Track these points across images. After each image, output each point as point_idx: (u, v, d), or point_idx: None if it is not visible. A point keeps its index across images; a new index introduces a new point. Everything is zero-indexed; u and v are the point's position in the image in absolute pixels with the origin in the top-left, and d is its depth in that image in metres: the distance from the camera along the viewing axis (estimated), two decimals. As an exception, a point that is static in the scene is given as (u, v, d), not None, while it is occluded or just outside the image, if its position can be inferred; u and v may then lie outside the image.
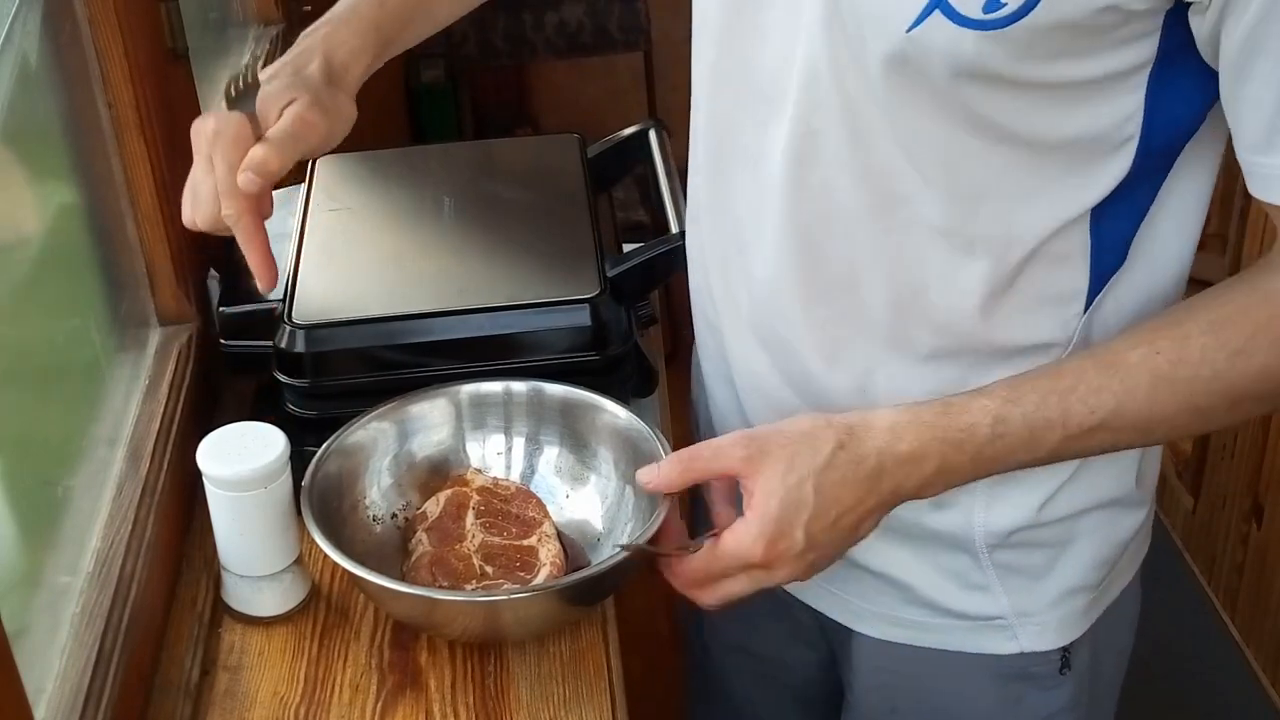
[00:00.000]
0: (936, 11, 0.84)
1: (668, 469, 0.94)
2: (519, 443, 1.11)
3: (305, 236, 1.22)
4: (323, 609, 1.09)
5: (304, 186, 1.29)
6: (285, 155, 1.01)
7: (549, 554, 1.03)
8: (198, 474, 1.19)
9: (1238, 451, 2.17)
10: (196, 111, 1.33)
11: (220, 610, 1.08)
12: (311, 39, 1.08)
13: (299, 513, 1.02)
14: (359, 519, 1.06)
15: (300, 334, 1.12)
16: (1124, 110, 0.88)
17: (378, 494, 1.08)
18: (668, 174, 1.26)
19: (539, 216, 1.25)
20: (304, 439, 1.18)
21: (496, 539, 1.04)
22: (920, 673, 1.12)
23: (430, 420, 1.10)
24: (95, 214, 1.20)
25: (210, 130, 1.01)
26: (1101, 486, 1.05)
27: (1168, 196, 0.94)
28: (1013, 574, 1.05)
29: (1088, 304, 0.97)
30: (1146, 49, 0.85)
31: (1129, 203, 0.93)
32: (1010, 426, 0.90)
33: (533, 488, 1.09)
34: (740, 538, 0.90)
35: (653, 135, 1.31)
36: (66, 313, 1.17)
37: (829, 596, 1.12)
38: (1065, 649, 1.08)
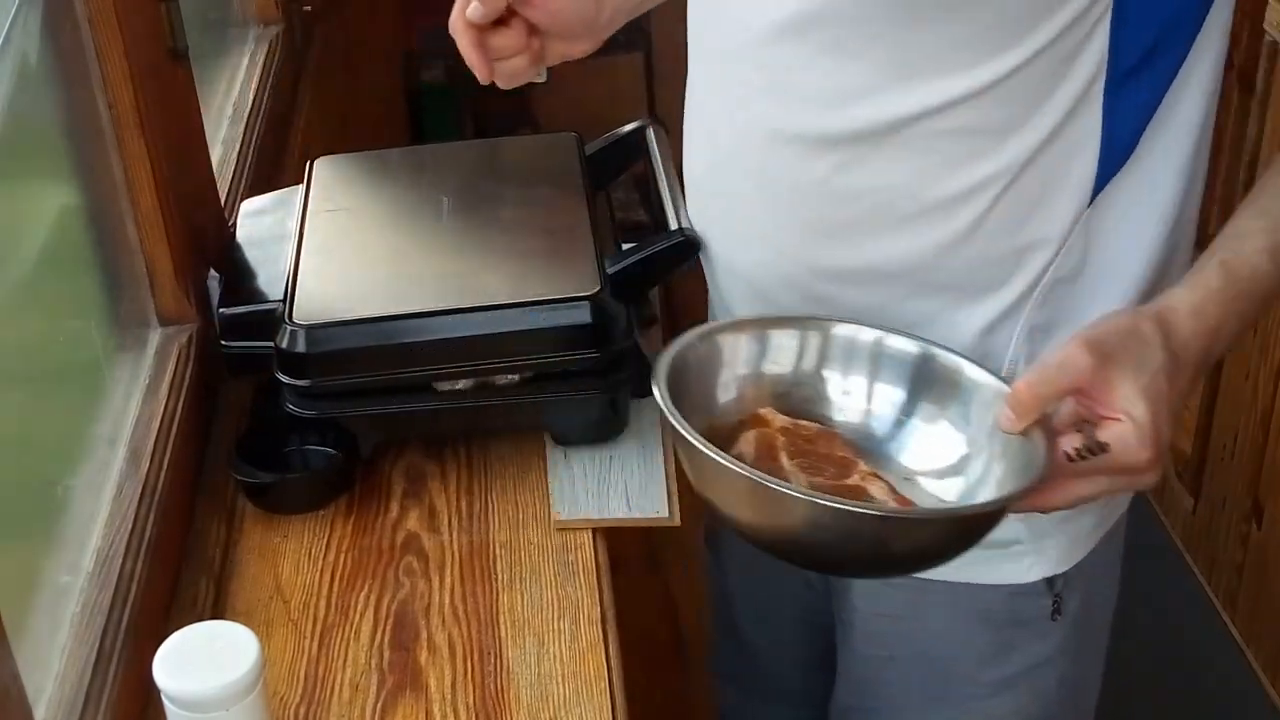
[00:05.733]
0: None
1: (1022, 400, 0.92)
2: (877, 389, 1.03)
3: (305, 237, 1.22)
4: (324, 606, 1.09)
5: (303, 187, 1.29)
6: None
7: (881, 490, 0.97)
8: (198, 474, 1.20)
9: (1238, 452, 2.17)
10: (196, 111, 1.34)
11: (219, 610, 1.08)
12: None
13: None
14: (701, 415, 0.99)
15: (301, 334, 1.12)
16: None
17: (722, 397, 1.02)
18: (666, 172, 1.26)
19: (537, 215, 1.25)
20: (304, 439, 1.19)
21: (819, 479, 0.97)
22: (914, 619, 1.15)
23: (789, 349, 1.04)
24: (95, 214, 1.20)
25: None
26: None
27: (1181, 88, 0.99)
28: None
29: (1092, 197, 1.01)
30: None
31: (1140, 88, 0.98)
32: None
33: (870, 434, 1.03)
34: (1130, 448, 0.91)
35: (650, 133, 1.31)
36: (66, 313, 1.17)
37: None
38: (1058, 595, 1.11)
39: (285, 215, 1.27)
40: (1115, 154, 0.99)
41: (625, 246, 1.20)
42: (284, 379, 1.14)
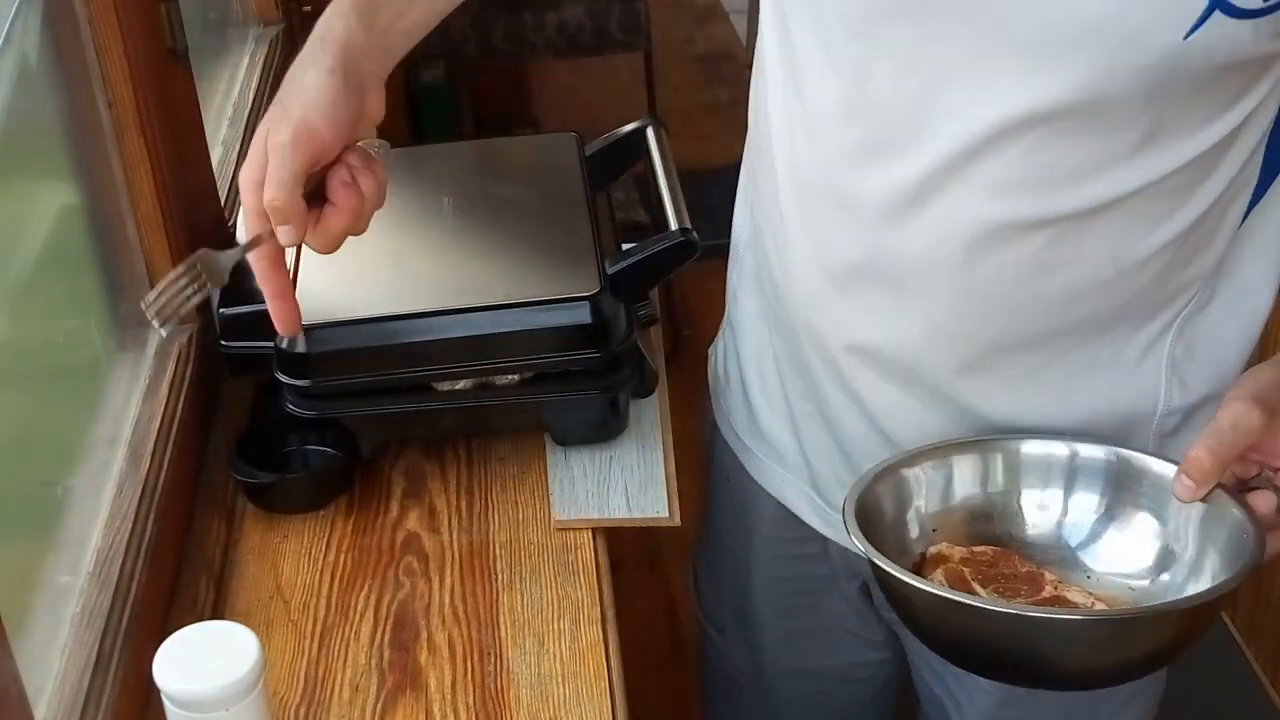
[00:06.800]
0: (1216, 12, 0.83)
1: (1204, 466, 0.91)
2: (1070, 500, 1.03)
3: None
4: (324, 606, 1.09)
5: (304, 186, 1.28)
6: (284, 180, 0.96)
7: (1081, 596, 0.97)
8: (198, 474, 1.20)
9: (1238, 451, 2.16)
10: (197, 111, 1.34)
11: (219, 610, 1.08)
12: None
13: None
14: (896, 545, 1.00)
15: (301, 334, 1.12)
16: None
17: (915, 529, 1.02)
18: (666, 172, 1.26)
19: (538, 215, 1.25)
20: (304, 439, 1.19)
21: (1019, 601, 0.97)
22: None
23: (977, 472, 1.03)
24: (95, 214, 1.20)
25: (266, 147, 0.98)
26: None
27: None
28: None
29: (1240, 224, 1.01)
30: None
31: None
32: None
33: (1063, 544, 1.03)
34: None
35: (650, 133, 1.31)
36: (66, 313, 1.17)
37: None
38: None
39: (285, 215, 1.26)
40: (1262, 191, 1.00)
41: (625, 246, 1.20)
42: (284, 379, 1.14)
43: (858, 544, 0.93)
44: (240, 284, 1.21)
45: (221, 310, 1.18)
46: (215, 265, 0.99)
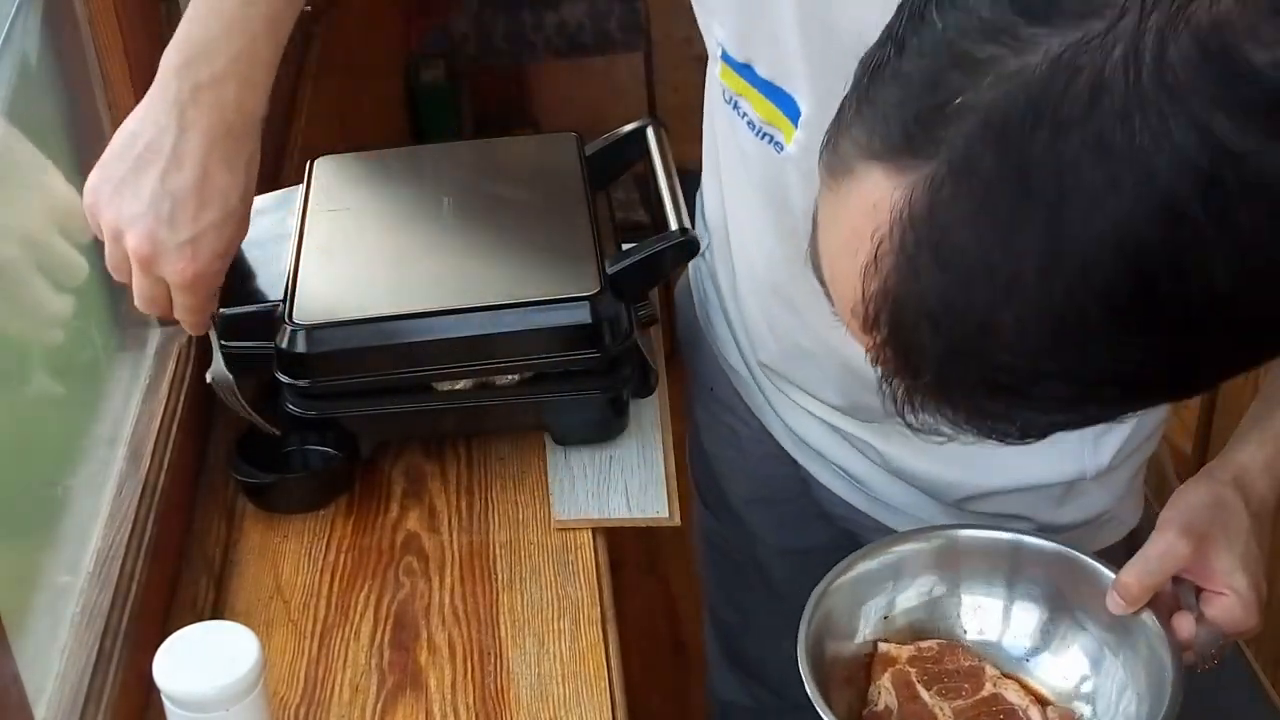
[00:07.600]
0: None
1: (1131, 591, 0.97)
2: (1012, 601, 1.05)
3: (305, 236, 1.22)
4: (324, 606, 1.09)
5: (303, 186, 1.28)
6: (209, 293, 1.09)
7: (1015, 693, 1.00)
8: (198, 474, 1.20)
9: (1238, 451, 2.16)
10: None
11: (219, 610, 1.08)
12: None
13: None
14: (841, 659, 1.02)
15: (301, 334, 1.12)
16: None
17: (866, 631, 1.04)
18: (666, 172, 1.26)
19: (538, 215, 1.25)
20: (304, 439, 1.19)
21: (960, 701, 1.00)
22: None
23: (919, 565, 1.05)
24: (95, 214, 1.20)
25: (189, 277, 1.05)
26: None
27: None
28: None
29: None
30: None
31: None
32: None
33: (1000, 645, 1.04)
34: (1238, 619, 0.96)
35: (650, 133, 1.31)
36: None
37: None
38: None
39: (285, 215, 1.26)
40: None
41: (625, 246, 1.20)
42: (284, 379, 1.14)
43: (809, 691, 0.94)
44: (239, 284, 1.21)
45: (221, 310, 1.18)
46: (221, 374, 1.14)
